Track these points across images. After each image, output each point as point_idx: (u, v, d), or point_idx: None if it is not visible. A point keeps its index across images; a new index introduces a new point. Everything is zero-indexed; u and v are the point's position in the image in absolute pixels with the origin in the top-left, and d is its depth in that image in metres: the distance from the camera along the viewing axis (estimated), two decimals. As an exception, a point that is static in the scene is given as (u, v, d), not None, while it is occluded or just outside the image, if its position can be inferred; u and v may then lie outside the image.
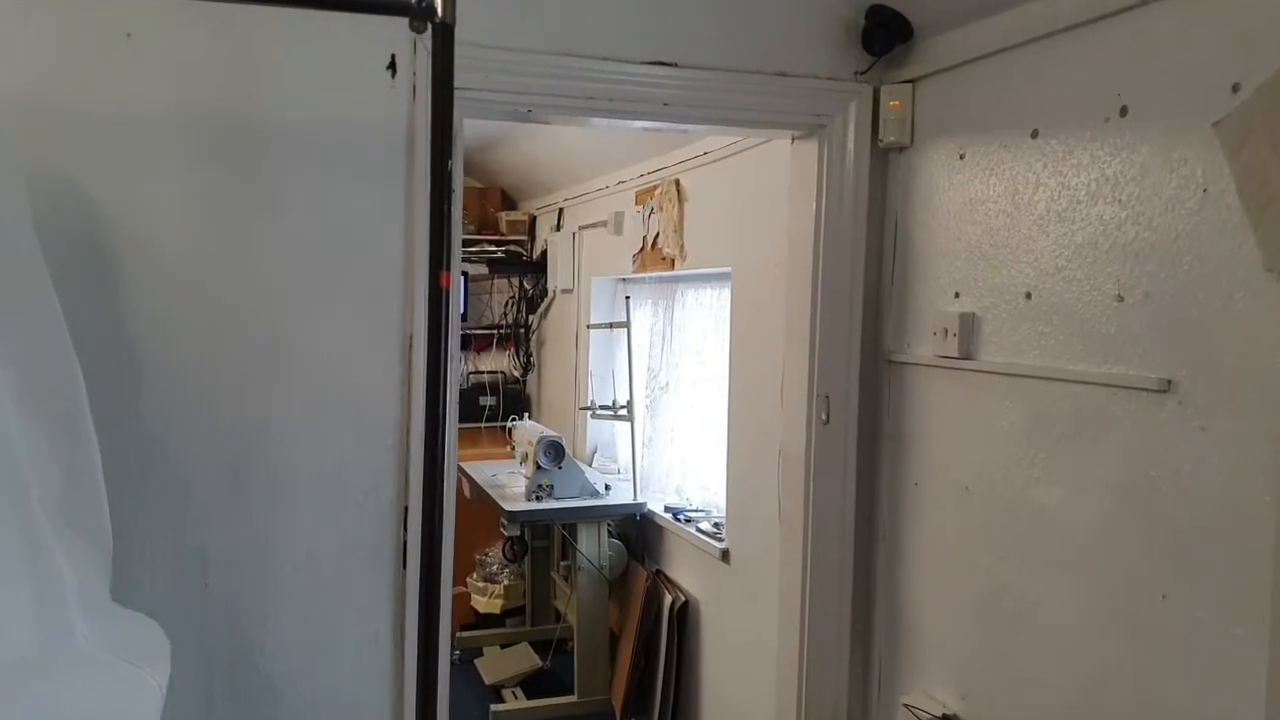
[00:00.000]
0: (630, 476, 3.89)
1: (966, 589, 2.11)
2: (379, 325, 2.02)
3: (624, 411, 3.90)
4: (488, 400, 5.51)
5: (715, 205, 3.34)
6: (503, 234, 5.61)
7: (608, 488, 3.88)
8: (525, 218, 5.64)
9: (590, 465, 4.57)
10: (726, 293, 3.39)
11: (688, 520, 3.52)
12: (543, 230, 5.46)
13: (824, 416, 2.37)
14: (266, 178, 1.93)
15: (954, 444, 2.14)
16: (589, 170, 4.48)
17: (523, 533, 4.15)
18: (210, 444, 1.92)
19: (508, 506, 3.65)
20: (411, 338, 2.01)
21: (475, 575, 4.56)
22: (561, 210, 5.10)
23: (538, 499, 3.72)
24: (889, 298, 2.36)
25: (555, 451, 3.74)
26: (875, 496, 2.41)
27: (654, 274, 3.91)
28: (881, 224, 2.37)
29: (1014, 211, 1.97)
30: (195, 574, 1.94)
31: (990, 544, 2.03)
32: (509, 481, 4.04)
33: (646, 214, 3.85)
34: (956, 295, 2.13)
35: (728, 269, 3.25)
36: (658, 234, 3.73)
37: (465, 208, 5.74)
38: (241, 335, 1.94)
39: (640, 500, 3.79)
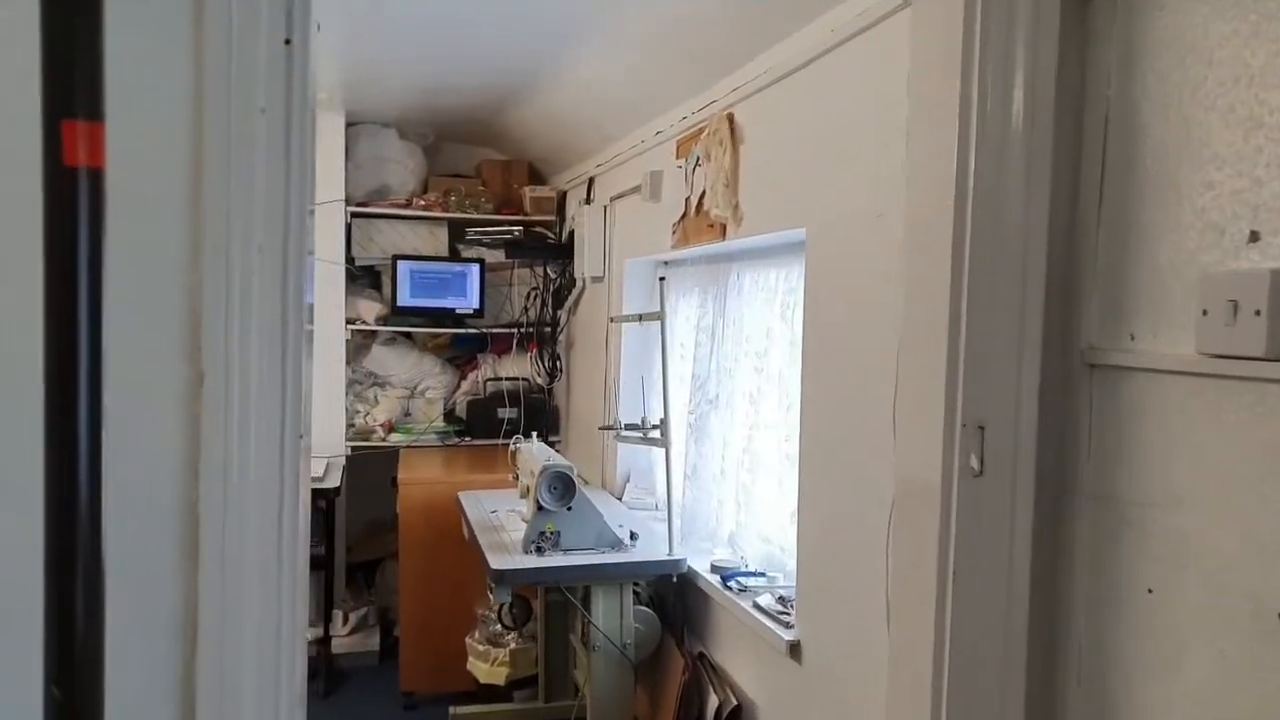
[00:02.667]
0: (667, 517, 2.90)
1: (1270, 806, 1.09)
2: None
3: (656, 433, 2.91)
4: (507, 412, 4.59)
5: (781, 143, 2.34)
6: (527, 213, 4.69)
7: (634, 536, 2.87)
8: (553, 194, 4.71)
9: (621, 498, 3.59)
10: (798, 272, 2.39)
11: (742, 589, 2.52)
12: (572, 208, 4.52)
13: (974, 461, 1.36)
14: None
15: (1244, 522, 1.12)
16: (622, 121, 3.52)
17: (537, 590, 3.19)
18: None
19: (495, 563, 2.67)
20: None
21: (476, 635, 3.62)
22: (592, 180, 4.15)
23: (538, 550, 2.74)
24: (1091, 250, 1.35)
25: (562, 487, 2.76)
26: (1064, 604, 1.39)
27: (700, 248, 2.92)
28: (1079, 120, 1.35)
29: None
30: None
31: (1336, 731, 1.01)
32: (507, 522, 3.08)
33: (690, 167, 2.87)
34: (1253, 238, 1.11)
35: (799, 231, 2.25)
36: (704, 192, 2.74)
37: (485, 184, 4.84)
38: None
39: (678, 555, 2.78)
